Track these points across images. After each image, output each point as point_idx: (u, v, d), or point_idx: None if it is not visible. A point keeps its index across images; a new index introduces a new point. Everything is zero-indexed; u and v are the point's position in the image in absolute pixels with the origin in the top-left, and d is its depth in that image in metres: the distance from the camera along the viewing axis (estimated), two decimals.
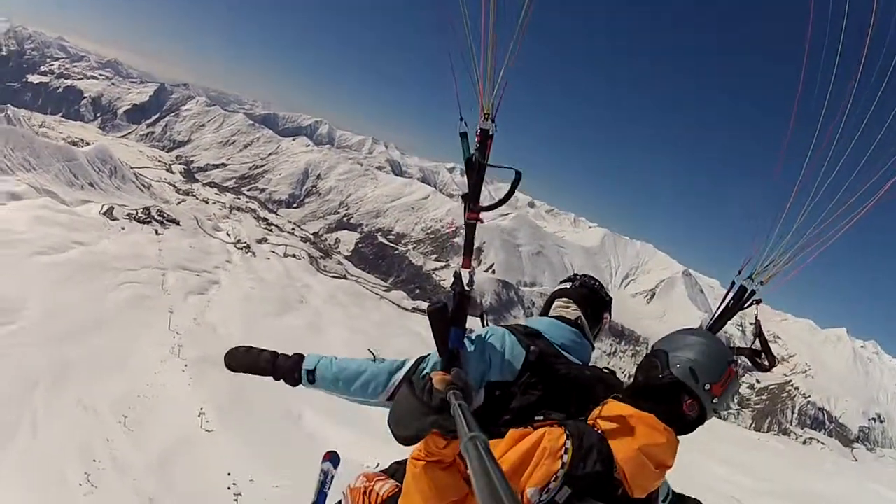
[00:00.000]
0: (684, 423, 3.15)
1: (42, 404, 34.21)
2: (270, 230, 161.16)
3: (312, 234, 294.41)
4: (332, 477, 6.28)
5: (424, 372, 3.47)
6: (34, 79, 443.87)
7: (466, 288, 3.52)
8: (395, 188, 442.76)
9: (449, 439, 2.64)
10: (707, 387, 3.06)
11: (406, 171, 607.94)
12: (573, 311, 4.30)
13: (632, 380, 3.50)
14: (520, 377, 3.68)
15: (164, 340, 46.94)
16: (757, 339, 4.00)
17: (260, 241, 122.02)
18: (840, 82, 3.37)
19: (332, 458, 6.37)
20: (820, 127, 3.48)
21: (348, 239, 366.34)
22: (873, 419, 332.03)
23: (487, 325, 4.08)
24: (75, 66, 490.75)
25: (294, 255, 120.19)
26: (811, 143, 3.54)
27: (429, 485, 2.78)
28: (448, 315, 3.46)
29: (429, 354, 3.82)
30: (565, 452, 2.85)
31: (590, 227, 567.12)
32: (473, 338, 3.82)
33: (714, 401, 3.10)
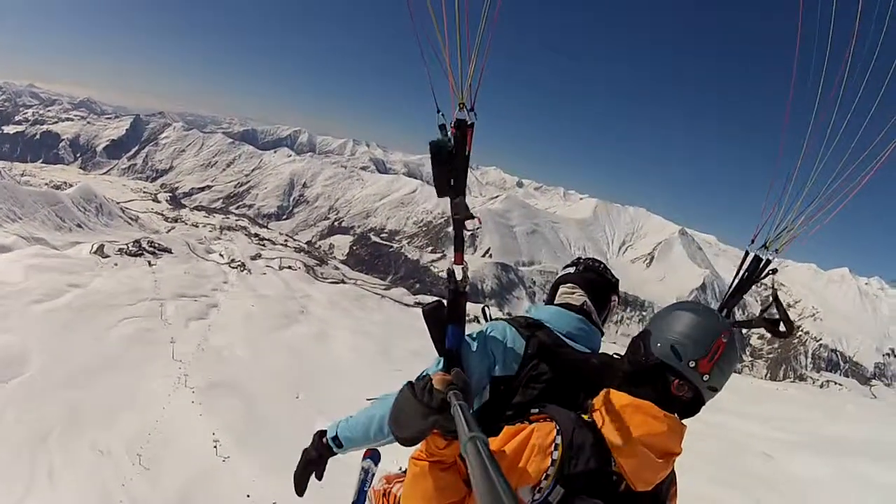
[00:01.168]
0: (683, 406, 3.08)
1: (57, 453, 34.07)
2: (263, 245, 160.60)
3: (305, 243, 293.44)
4: (373, 475, 6.29)
5: (424, 373, 3.34)
6: (9, 129, 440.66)
7: (461, 284, 3.46)
8: (381, 186, 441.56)
9: (449, 440, 2.67)
10: (692, 364, 2.95)
11: (391, 167, 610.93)
12: (578, 297, 4.24)
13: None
14: (521, 370, 3.65)
15: (169, 371, 46.74)
16: (773, 306, 3.71)
17: (254, 258, 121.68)
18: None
19: (373, 454, 6.36)
20: (828, 61, 3.17)
21: (342, 243, 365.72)
22: (887, 354, 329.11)
23: (490, 317, 4.09)
24: (49, 111, 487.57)
25: (290, 267, 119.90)
26: (819, 84, 3.24)
27: (429, 485, 2.78)
28: (443, 314, 3.48)
29: (424, 371, 3.59)
30: (555, 449, 2.83)
31: (581, 199, 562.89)
32: (475, 334, 3.80)
33: (704, 378, 2.96)
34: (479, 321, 4.25)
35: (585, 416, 3.06)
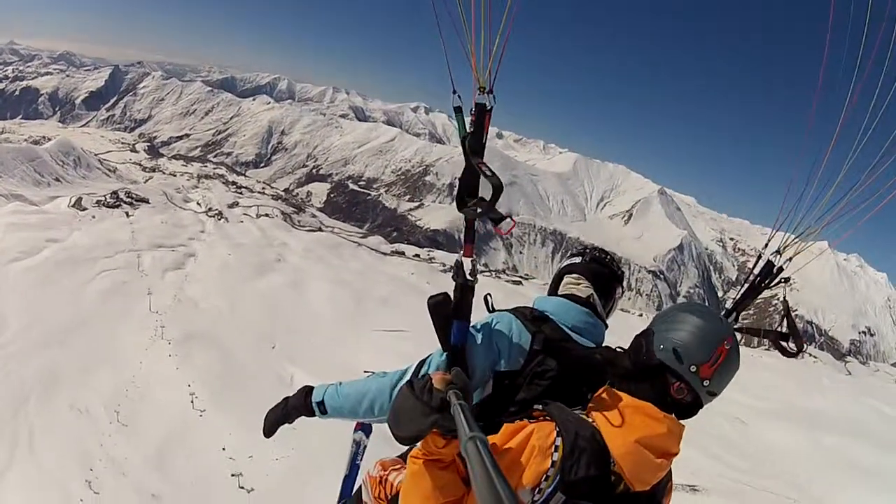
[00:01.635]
0: (680, 409, 3.11)
1: (36, 417, 34.27)
2: (241, 193, 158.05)
3: (283, 190, 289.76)
4: (365, 447, 6.30)
5: (424, 372, 3.66)
6: None
7: (469, 278, 3.48)
8: (360, 134, 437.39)
9: (448, 439, 2.70)
10: (693, 368, 2.97)
11: (370, 116, 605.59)
12: (584, 289, 4.23)
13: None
14: (527, 365, 3.66)
15: (146, 324, 46.54)
16: (784, 321, 3.90)
17: (231, 206, 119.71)
18: None
19: (364, 427, 6.28)
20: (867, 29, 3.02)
21: (320, 190, 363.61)
22: (863, 332, 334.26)
23: (492, 306, 4.06)
24: (28, 67, 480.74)
25: (267, 215, 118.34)
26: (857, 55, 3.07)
27: (427, 483, 2.82)
28: (450, 308, 3.50)
29: (428, 357, 3.80)
30: (555, 450, 2.85)
31: (560, 153, 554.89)
32: (479, 326, 3.79)
33: (705, 383, 2.99)
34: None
35: (586, 415, 3.11)
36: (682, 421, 3.13)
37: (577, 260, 4.43)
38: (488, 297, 4.09)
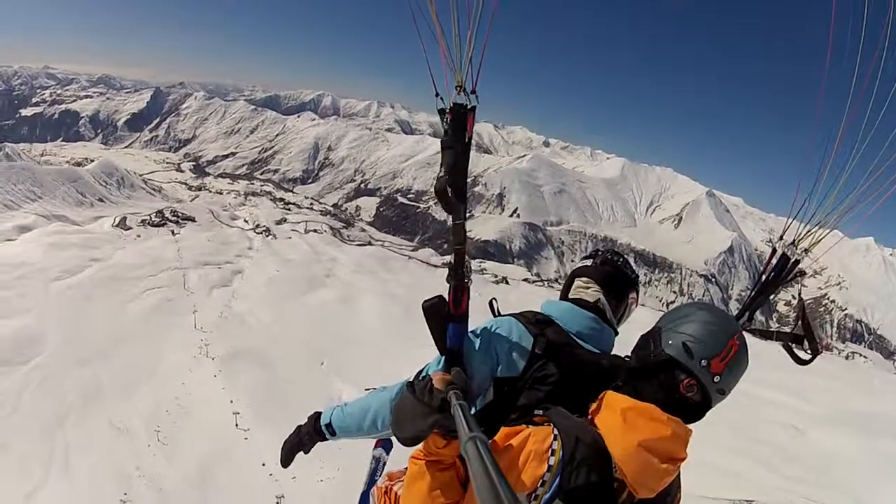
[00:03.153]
0: (688, 409, 2.80)
1: (74, 434, 33.71)
2: (289, 209, 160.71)
3: (332, 206, 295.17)
4: (385, 464, 5.66)
5: (425, 373, 3.39)
6: (27, 112, 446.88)
7: (463, 279, 3.26)
8: (407, 147, 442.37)
9: (449, 439, 2.63)
10: (704, 363, 2.70)
11: (416, 128, 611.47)
12: (593, 293, 3.88)
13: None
14: (527, 370, 3.36)
15: (191, 341, 46.42)
16: (799, 322, 3.41)
17: (279, 222, 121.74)
18: None
19: (385, 443, 5.69)
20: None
21: (369, 205, 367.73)
22: None
23: (497, 311, 3.73)
24: (66, 90, 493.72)
25: (315, 230, 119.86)
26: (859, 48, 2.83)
27: (426, 484, 2.75)
28: (445, 310, 3.26)
29: (426, 366, 3.59)
30: (552, 454, 2.64)
31: (607, 159, 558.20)
32: (479, 331, 3.49)
33: (715, 379, 2.73)
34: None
35: (586, 420, 2.88)
36: (691, 424, 2.92)
37: (588, 263, 4.11)
38: (493, 301, 3.89)
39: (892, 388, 67.69)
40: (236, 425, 35.09)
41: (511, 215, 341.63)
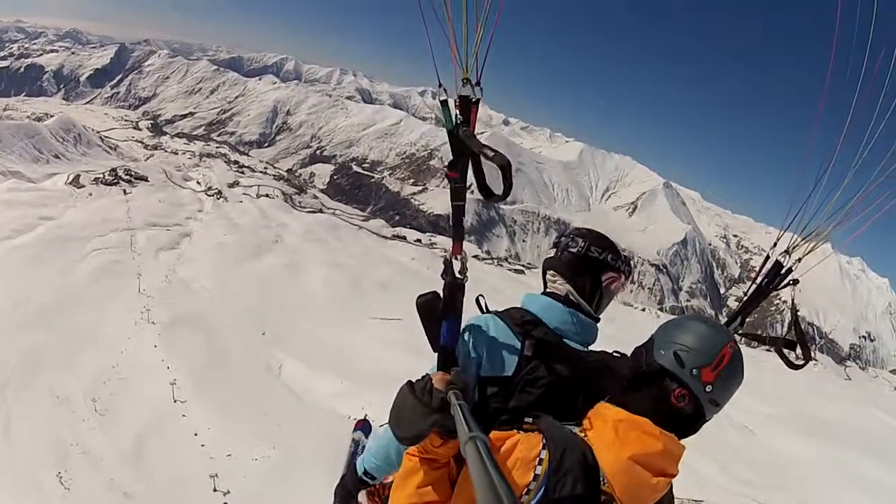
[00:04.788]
0: (681, 422, 2.87)
1: (14, 401, 33.36)
2: (242, 172, 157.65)
3: (286, 171, 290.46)
4: (364, 447, 5.75)
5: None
6: None
7: (458, 276, 3.28)
8: (366, 116, 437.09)
9: (445, 438, 2.68)
10: (695, 371, 2.77)
11: (377, 98, 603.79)
12: (561, 286, 3.86)
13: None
14: (518, 372, 3.45)
15: (133, 306, 45.70)
16: (792, 329, 3.76)
17: (231, 185, 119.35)
18: None
19: (364, 426, 6.21)
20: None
21: (323, 172, 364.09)
22: (863, 337, 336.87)
23: (486, 308, 3.82)
24: (34, 44, 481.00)
25: (267, 195, 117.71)
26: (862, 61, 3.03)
27: (416, 481, 2.80)
28: (438, 308, 3.34)
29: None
30: (539, 463, 2.65)
31: (567, 142, 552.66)
32: (463, 329, 3.54)
33: (707, 388, 2.78)
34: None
35: (579, 431, 2.88)
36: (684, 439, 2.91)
37: (552, 253, 4.01)
38: (480, 298, 3.81)
39: (845, 394, 68.42)
40: (173, 396, 35.20)
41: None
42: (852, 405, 59.75)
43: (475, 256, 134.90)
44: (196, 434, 31.11)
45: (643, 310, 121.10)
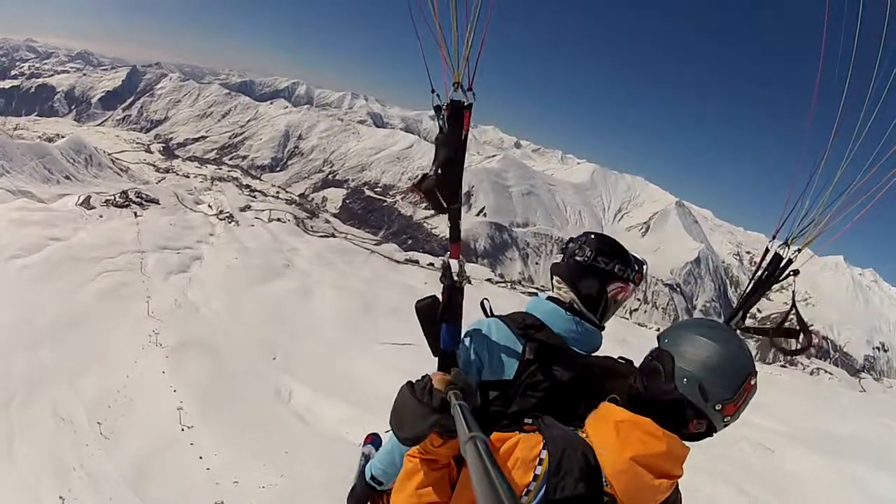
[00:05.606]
0: (691, 437, 2.86)
1: (18, 419, 33.08)
2: (254, 197, 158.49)
3: (298, 195, 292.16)
4: None
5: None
6: (4, 84, 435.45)
7: (457, 279, 3.36)
8: (378, 140, 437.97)
9: (445, 438, 2.70)
10: (718, 406, 2.73)
11: (388, 122, 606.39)
12: (565, 294, 3.86)
13: (634, 381, 3.08)
14: (519, 376, 3.45)
15: (142, 328, 45.42)
16: (792, 316, 3.68)
17: (243, 209, 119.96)
18: None
19: (374, 440, 6.09)
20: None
21: (335, 196, 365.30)
22: (877, 348, 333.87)
23: (490, 312, 3.83)
24: (45, 64, 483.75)
25: (279, 219, 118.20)
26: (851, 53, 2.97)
27: (416, 481, 2.82)
28: (438, 311, 3.40)
29: None
30: (539, 464, 2.64)
31: (578, 164, 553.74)
32: (465, 333, 3.64)
33: (726, 420, 2.79)
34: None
35: (581, 432, 2.87)
36: (689, 443, 2.93)
37: (558, 259, 4.03)
38: (485, 301, 3.90)
39: (860, 407, 67.82)
40: (179, 420, 34.79)
41: (478, 214, 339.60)
42: (869, 419, 58.98)
43: (488, 280, 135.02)
44: (202, 459, 30.61)
45: (657, 330, 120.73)
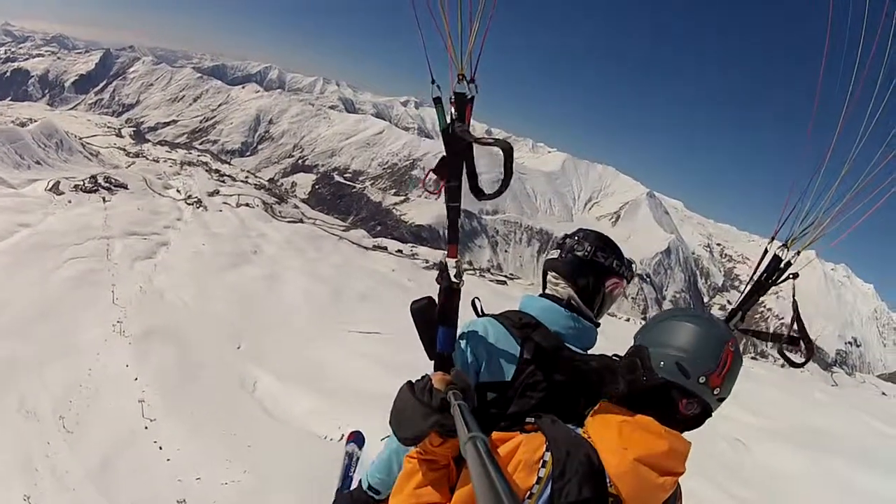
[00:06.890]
0: (688, 424, 2.88)
1: None
2: (223, 181, 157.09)
3: (267, 180, 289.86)
4: (358, 459, 6.19)
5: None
6: None
7: (454, 280, 3.27)
8: (348, 126, 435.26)
9: (445, 438, 2.65)
10: (702, 379, 2.72)
11: (359, 108, 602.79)
12: (563, 290, 3.84)
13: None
14: (517, 376, 3.43)
15: (107, 317, 44.91)
16: (794, 324, 3.60)
17: (212, 194, 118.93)
18: None
19: (357, 438, 6.32)
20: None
21: (305, 181, 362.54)
22: (849, 343, 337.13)
23: (481, 311, 3.80)
24: (20, 48, 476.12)
25: (247, 204, 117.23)
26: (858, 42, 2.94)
27: (415, 482, 2.79)
28: (434, 313, 3.30)
29: None
30: (542, 466, 2.61)
31: (549, 152, 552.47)
32: (458, 334, 3.48)
33: (715, 391, 2.76)
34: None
35: (582, 432, 2.85)
36: (689, 432, 2.95)
37: (556, 254, 3.99)
38: (476, 301, 3.84)
39: (833, 400, 68.21)
40: (142, 413, 34.46)
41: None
42: (841, 412, 59.60)
43: None
44: (165, 454, 30.41)
45: (627, 320, 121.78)
